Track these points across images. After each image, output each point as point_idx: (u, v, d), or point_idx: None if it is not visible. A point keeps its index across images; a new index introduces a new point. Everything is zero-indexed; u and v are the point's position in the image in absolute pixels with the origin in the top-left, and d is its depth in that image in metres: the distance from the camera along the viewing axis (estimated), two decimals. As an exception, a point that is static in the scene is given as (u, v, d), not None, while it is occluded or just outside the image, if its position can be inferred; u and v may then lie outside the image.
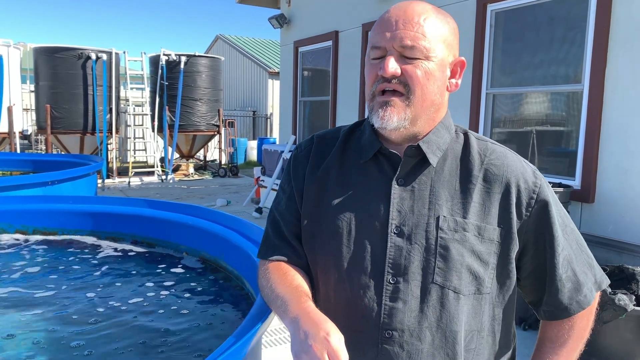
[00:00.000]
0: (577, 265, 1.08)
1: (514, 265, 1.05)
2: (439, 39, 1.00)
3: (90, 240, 2.99)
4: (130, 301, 2.17)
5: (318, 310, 0.94)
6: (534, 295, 1.12)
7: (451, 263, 1.00)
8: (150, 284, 2.38)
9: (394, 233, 1.02)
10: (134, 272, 2.53)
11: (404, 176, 1.05)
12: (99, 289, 2.31)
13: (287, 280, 1.06)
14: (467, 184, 1.04)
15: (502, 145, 1.11)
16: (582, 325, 1.11)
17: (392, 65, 0.98)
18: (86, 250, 2.84)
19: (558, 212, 1.08)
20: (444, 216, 1.01)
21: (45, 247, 2.91)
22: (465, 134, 1.10)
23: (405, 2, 1.03)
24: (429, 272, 1.00)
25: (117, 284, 2.39)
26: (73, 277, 2.46)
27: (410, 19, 0.99)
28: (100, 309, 2.08)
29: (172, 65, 11.33)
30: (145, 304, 2.14)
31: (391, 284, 1.01)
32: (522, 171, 1.05)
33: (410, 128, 1.03)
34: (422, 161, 1.05)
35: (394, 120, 1.00)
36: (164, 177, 11.14)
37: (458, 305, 1.00)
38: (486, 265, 1.02)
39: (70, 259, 2.71)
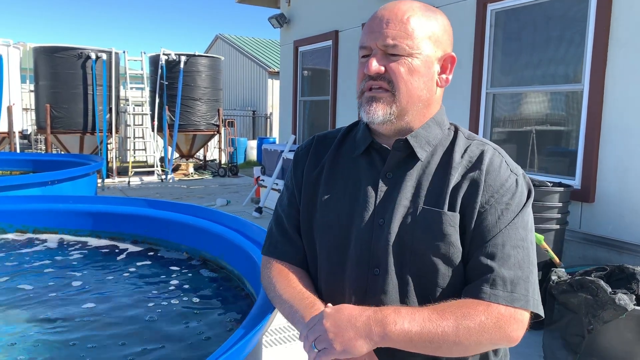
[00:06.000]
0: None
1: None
2: (424, 36, 1.03)
3: (90, 240, 2.99)
4: (130, 301, 2.17)
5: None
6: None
7: (426, 255, 1.01)
8: (151, 284, 2.38)
9: (379, 225, 1.05)
10: (134, 271, 2.53)
11: (392, 169, 1.08)
12: (99, 289, 2.31)
13: (293, 285, 1.10)
14: (447, 176, 1.05)
15: (490, 144, 1.10)
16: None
17: (375, 64, 1.02)
18: (86, 250, 2.84)
19: (514, 224, 1.02)
20: (422, 207, 1.03)
21: (45, 246, 2.91)
22: (456, 131, 1.12)
23: (393, 2, 1.06)
24: (405, 263, 1.02)
25: (117, 283, 2.39)
26: (73, 277, 2.46)
27: (393, 17, 1.02)
28: (101, 308, 2.08)
29: (172, 64, 11.31)
30: (145, 304, 2.14)
31: (375, 275, 1.04)
32: (496, 169, 1.04)
33: (397, 122, 1.06)
34: (411, 155, 1.08)
35: (379, 115, 1.04)
36: (163, 176, 11.13)
37: (437, 295, 1.02)
38: (459, 256, 1.02)
39: (70, 258, 2.71)
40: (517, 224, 1.01)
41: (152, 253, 2.78)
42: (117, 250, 2.83)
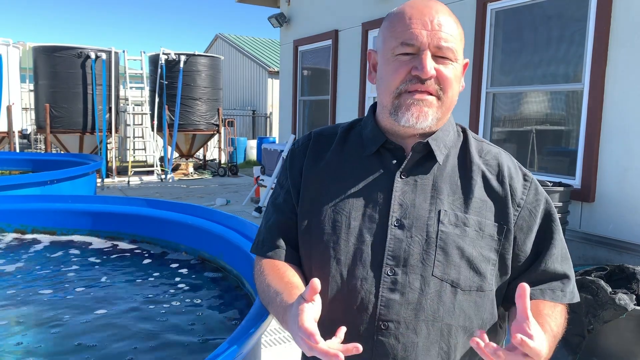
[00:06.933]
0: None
1: (511, 261, 1.06)
2: (460, 41, 1.03)
3: (89, 239, 2.99)
4: (128, 301, 2.17)
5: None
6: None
7: (451, 257, 1.00)
8: (149, 284, 2.37)
9: (395, 225, 1.02)
10: (132, 271, 2.53)
11: (408, 170, 1.06)
12: (97, 289, 2.31)
13: (284, 279, 1.06)
14: (468, 180, 1.05)
15: (497, 146, 1.14)
16: None
17: (431, 66, 0.98)
18: (85, 250, 2.84)
19: (553, 217, 1.12)
20: (445, 210, 1.02)
21: (44, 246, 2.90)
22: (465, 132, 1.13)
23: (425, 2, 1.02)
24: (428, 264, 1.00)
25: (115, 283, 2.39)
26: (72, 277, 2.45)
27: (442, 20, 0.99)
28: (99, 309, 2.07)
29: (172, 64, 11.30)
30: (143, 304, 2.14)
31: (389, 275, 1.01)
32: (514, 172, 1.09)
33: (433, 127, 1.05)
34: (427, 156, 1.07)
35: (428, 120, 1.01)
36: (163, 176, 11.12)
37: (456, 299, 1.00)
38: (487, 262, 1.02)
39: (69, 258, 2.70)
40: (557, 225, 1.09)
41: (150, 253, 2.78)
42: (116, 251, 2.83)
